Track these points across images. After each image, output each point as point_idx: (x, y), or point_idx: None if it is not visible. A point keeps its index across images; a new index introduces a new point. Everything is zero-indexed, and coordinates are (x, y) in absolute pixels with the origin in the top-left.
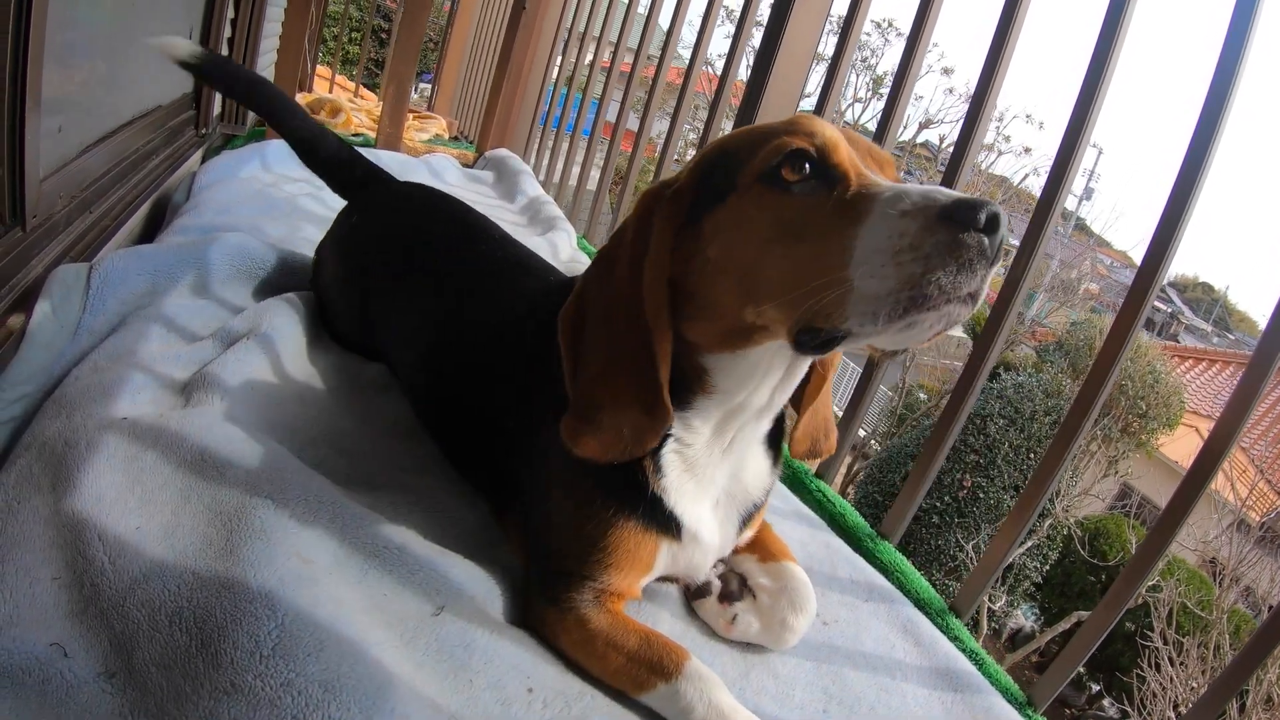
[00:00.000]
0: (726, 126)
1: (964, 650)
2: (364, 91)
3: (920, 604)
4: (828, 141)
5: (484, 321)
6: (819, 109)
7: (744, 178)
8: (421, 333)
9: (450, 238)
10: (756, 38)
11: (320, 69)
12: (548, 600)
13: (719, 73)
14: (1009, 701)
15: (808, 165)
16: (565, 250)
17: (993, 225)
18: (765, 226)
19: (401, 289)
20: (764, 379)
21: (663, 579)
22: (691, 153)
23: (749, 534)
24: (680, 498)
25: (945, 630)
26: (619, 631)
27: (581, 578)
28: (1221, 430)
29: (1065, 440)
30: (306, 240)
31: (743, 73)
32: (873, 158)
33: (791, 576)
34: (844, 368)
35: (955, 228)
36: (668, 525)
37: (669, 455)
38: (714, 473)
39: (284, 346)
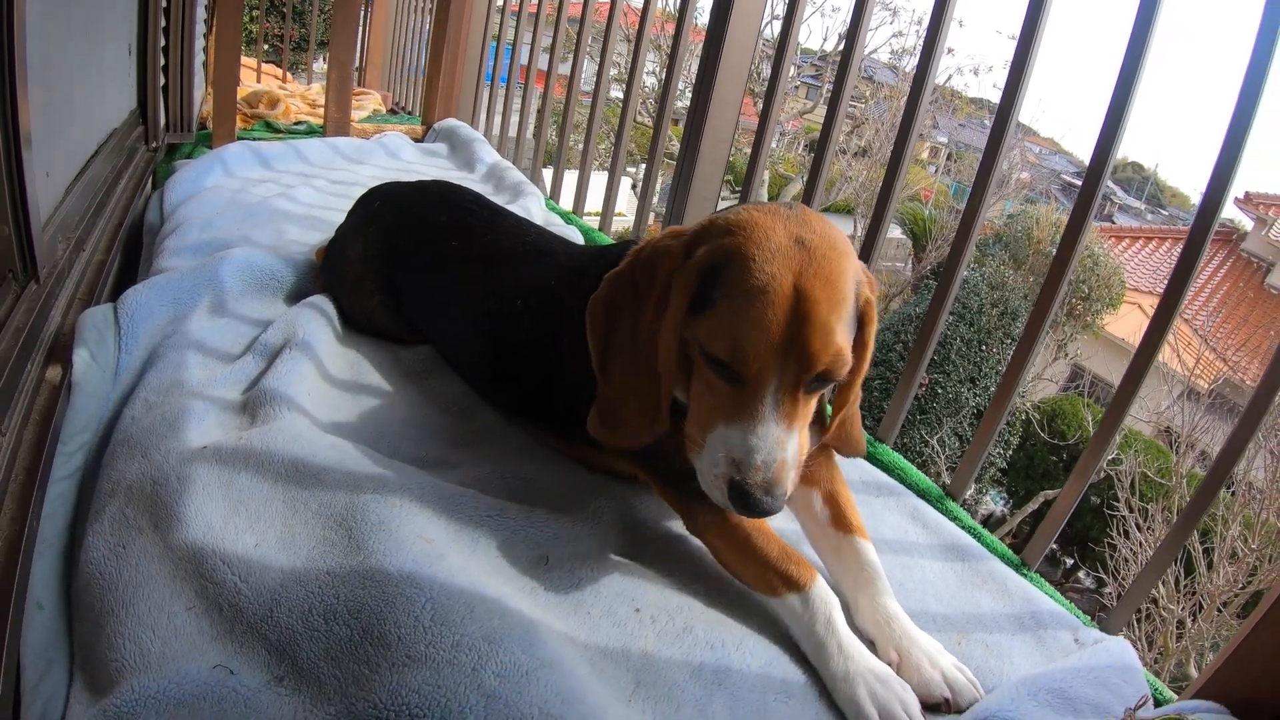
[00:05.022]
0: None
1: (963, 527)
2: (279, 72)
3: (921, 494)
4: (746, 365)
5: (543, 286)
6: (779, 51)
7: (698, 330)
8: (475, 306)
9: (479, 216)
10: None
11: (244, 60)
12: (699, 502)
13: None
14: (1007, 564)
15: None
16: (538, 215)
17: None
18: (705, 374)
19: (445, 267)
20: None
21: None
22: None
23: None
24: None
25: (946, 513)
26: (762, 536)
27: None
28: (1165, 304)
29: (1030, 338)
30: (295, 242)
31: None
32: (810, 344)
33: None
34: None
35: (737, 494)
36: None
37: None
38: None
39: (323, 350)
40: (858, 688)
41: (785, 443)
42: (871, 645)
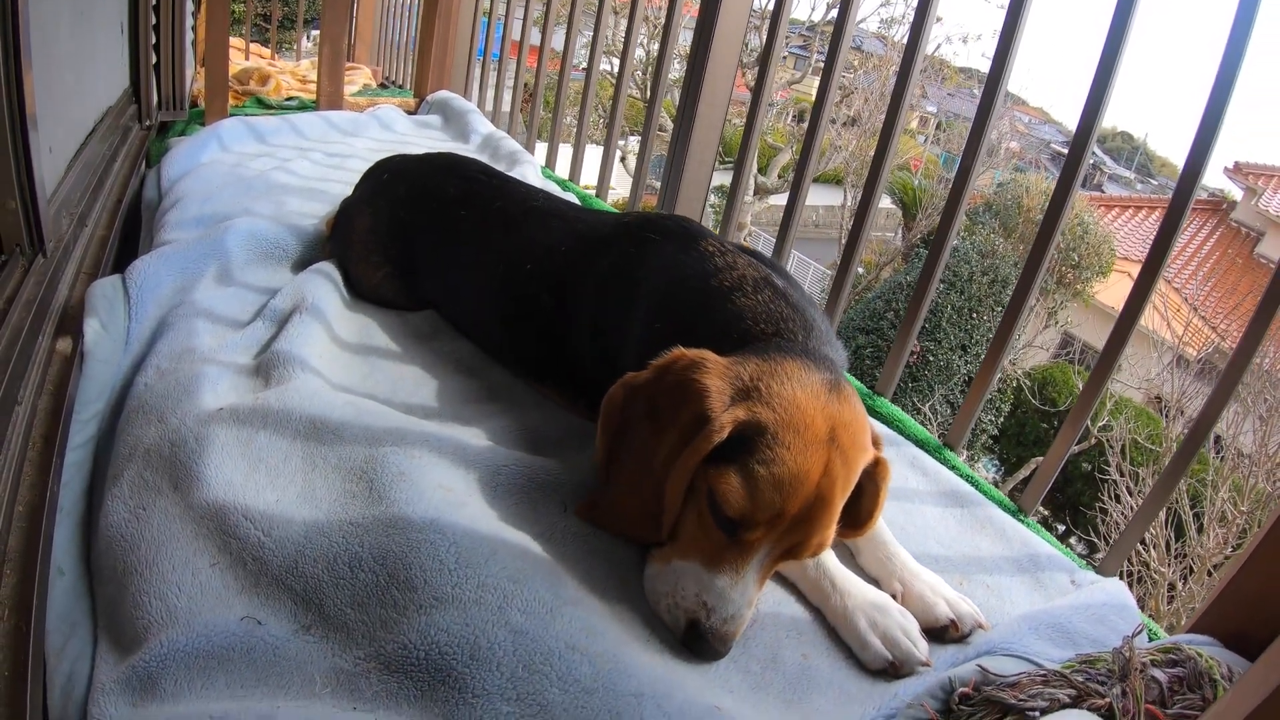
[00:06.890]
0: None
1: (961, 475)
2: (267, 52)
3: (920, 444)
4: (750, 532)
5: (551, 253)
6: (773, 25)
7: (715, 480)
8: (482, 273)
9: (487, 185)
10: None
11: (233, 40)
12: None
13: None
14: (1004, 510)
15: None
16: (535, 183)
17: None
18: (703, 511)
19: (454, 236)
20: None
21: None
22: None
23: None
24: None
25: (944, 462)
26: None
27: None
28: (1148, 270)
29: (1020, 295)
30: (296, 213)
31: None
32: (810, 536)
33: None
34: (805, 265)
35: (695, 634)
36: None
37: None
38: None
39: (333, 314)
40: (858, 620)
41: (754, 601)
42: (877, 585)
